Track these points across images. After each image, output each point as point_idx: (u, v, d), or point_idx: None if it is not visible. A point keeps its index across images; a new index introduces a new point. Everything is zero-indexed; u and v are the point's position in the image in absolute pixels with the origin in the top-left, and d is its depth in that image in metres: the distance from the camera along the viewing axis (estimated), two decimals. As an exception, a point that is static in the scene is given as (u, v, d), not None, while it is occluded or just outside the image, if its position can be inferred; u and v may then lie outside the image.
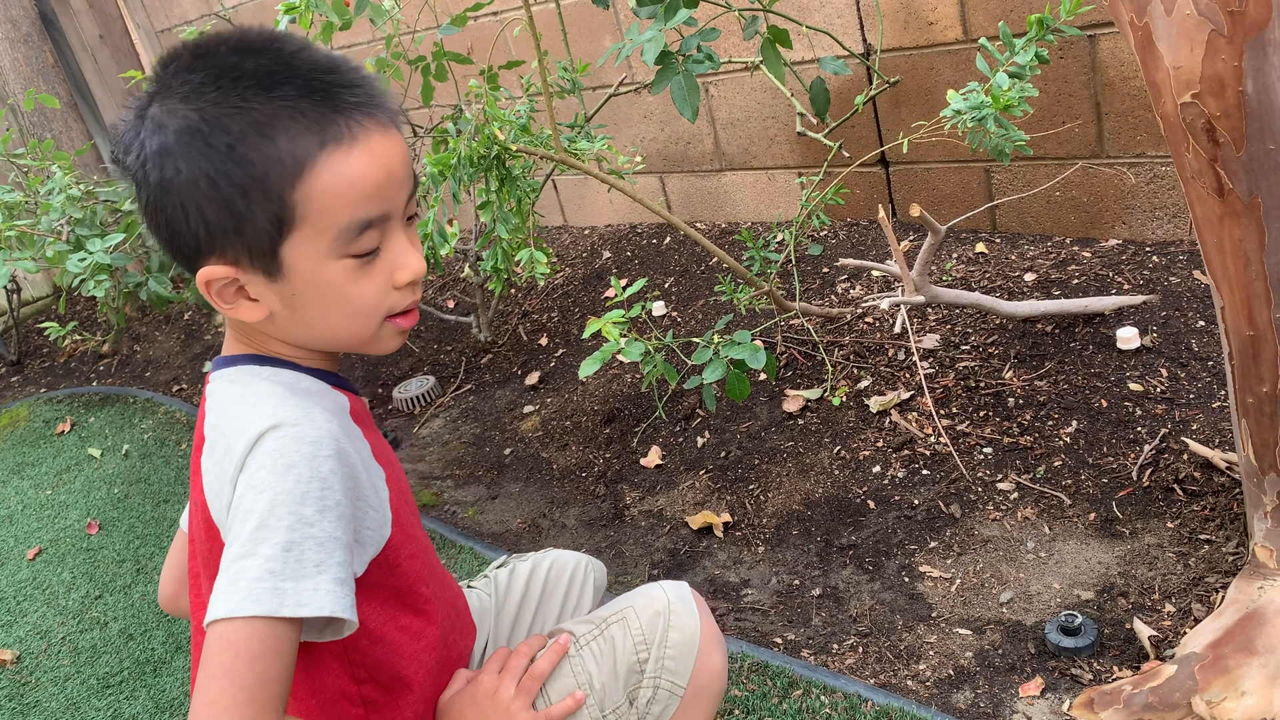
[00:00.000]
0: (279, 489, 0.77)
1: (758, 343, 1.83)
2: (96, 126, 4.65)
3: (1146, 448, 1.77)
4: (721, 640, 1.08)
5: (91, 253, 2.44)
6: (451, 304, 3.42)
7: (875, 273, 2.54)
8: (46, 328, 2.85)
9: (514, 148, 1.96)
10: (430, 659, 0.98)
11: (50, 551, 2.57)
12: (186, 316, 4.08)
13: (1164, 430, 1.79)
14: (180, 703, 1.88)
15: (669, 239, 3.14)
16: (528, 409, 2.65)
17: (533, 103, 2.23)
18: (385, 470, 0.92)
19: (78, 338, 3.74)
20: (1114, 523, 1.67)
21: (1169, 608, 1.49)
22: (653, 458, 2.25)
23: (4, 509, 2.87)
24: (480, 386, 2.89)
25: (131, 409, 3.39)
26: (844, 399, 2.16)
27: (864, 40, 2.47)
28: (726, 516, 2.00)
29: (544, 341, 2.94)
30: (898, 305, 1.88)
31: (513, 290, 3.32)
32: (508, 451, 2.51)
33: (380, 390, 3.09)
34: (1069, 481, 1.78)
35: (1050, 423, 1.91)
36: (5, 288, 4.03)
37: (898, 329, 1.93)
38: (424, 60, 2.60)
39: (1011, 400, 1.99)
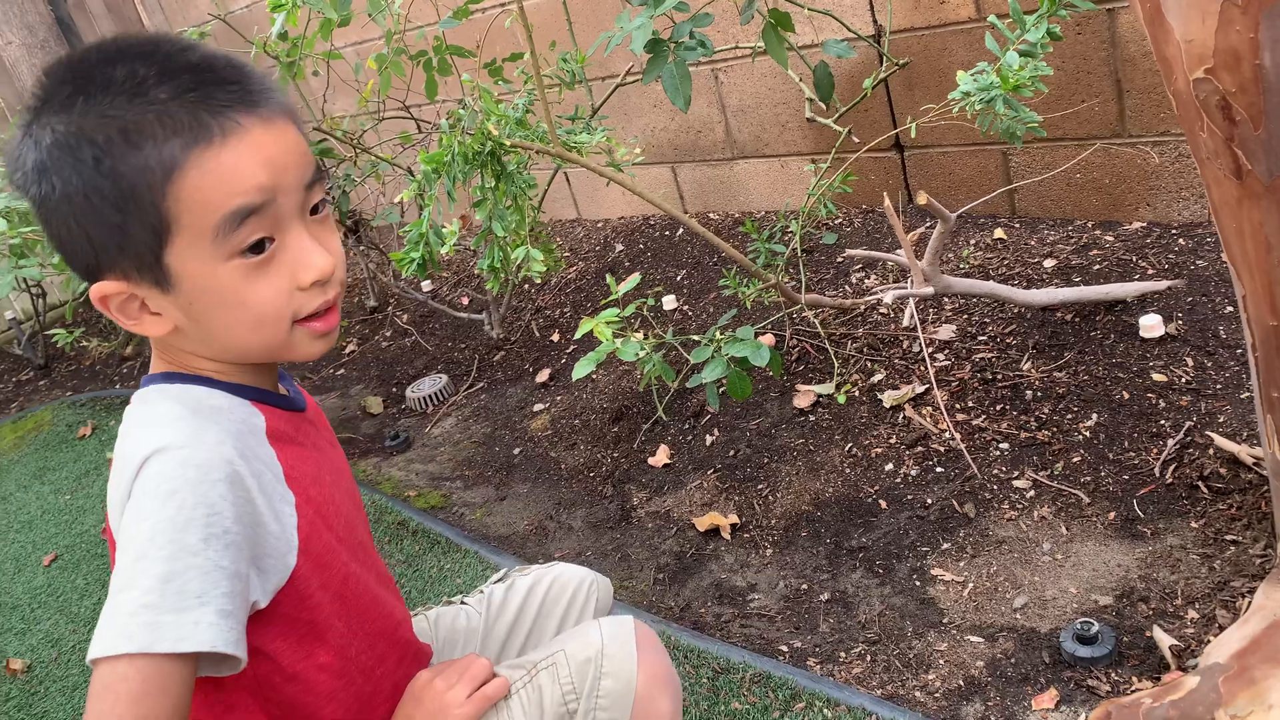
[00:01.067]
0: (160, 516, 0.74)
1: (767, 338, 1.77)
2: (116, 130, 4.67)
3: (1170, 442, 1.68)
4: (670, 681, 1.00)
5: (97, 259, 2.44)
6: (465, 301, 3.39)
7: (890, 262, 2.46)
8: (54, 334, 2.85)
9: (508, 143, 1.91)
10: (348, 695, 0.93)
11: (66, 558, 2.57)
12: (207, 318, 4.08)
13: (1189, 423, 1.70)
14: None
15: (682, 231, 3.08)
16: (538, 407, 2.61)
17: (531, 95, 2.17)
18: (296, 495, 0.87)
19: (86, 343, 3.75)
20: (1135, 522, 1.59)
21: (1192, 614, 1.41)
22: (661, 457, 2.20)
23: (24, 515, 2.88)
24: (492, 384, 2.85)
25: (151, 412, 3.40)
26: (856, 394, 2.09)
27: (874, 21, 2.39)
28: (734, 518, 1.95)
29: (556, 338, 2.90)
30: (905, 298, 1.81)
31: (526, 286, 3.27)
32: (517, 451, 2.47)
33: (394, 389, 3.06)
34: (1088, 478, 1.70)
35: (1069, 416, 1.83)
36: (31, 293, 4.07)
37: (906, 321, 1.86)
38: (425, 55, 2.57)
39: (1029, 393, 1.91)
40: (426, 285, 3.64)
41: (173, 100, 0.77)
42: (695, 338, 1.80)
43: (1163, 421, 1.73)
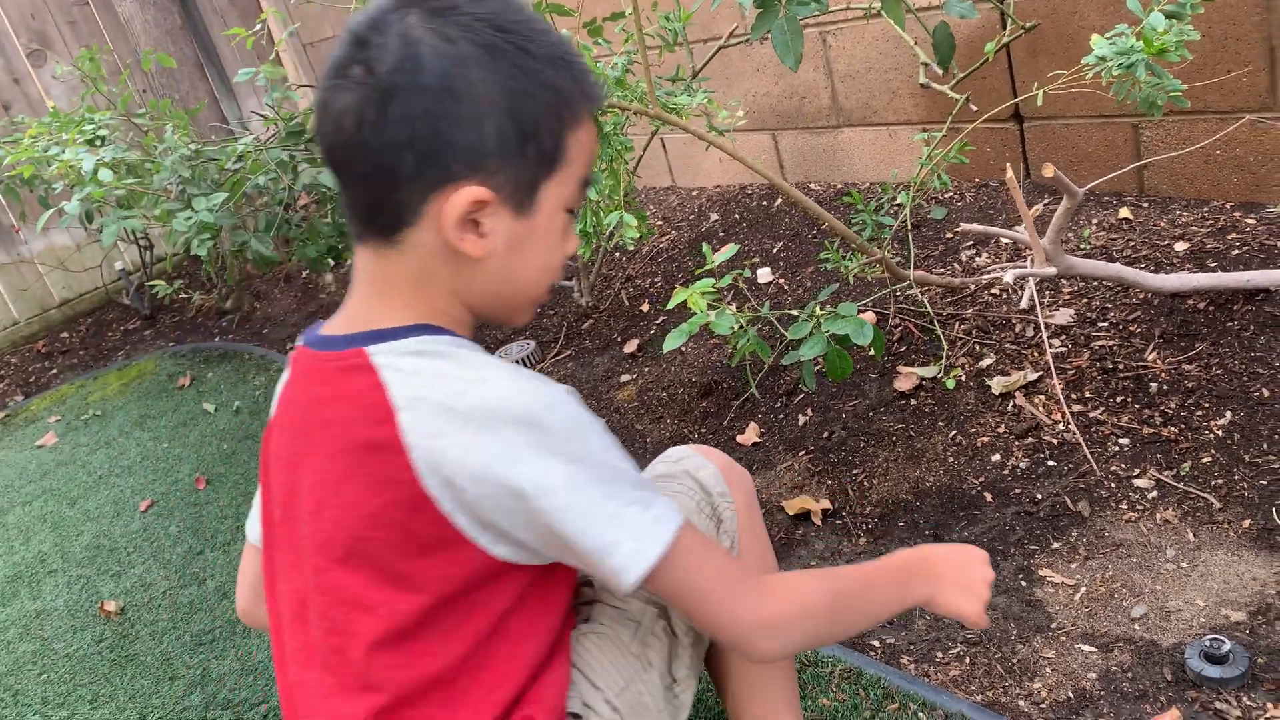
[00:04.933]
0: (602, 450, 0.83)
1: (867, 315, 1.67)
2: (222, 87, 4.75)
3: (1316, 447, 1.53)
4: (729, 462, 1.16)
5: (197, 212, 2.46)
6: (556, 266, 3.35)
7: (1005, 240, 2.32)
8: (155, 285, 2.90)
9: (604, 102, 1.83)
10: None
11: (161, 504, 2.63)
12: (303, 275, 4.14)
13: (1339, 427, 1.55)
14: (265, 666, 1.88)
15: (779, 201, 2.97)
16: (625, 378, 2.55)
17: (630, 55, 2.10)
18: None
19: (186, 294, 3.84)
20: (1273, 532, 1.46)
21: (1338, 638, 1.28)
22: (750, 435, 2.12)
23: (124, 460, 2.96)
24: (580, 353, 2.80)
25: (247, 365, 3.46)
26: (963, 379, 1.98)
27: (999, -19, 2.23)
28: (826, 503, 1.86)
29: (645, 308, 2.83)
30: (1025, 278, 1.69)
31: (617, 254, 3.21)
32: (602, 422, 2.42)
33: (482, 353, 3.05)
34: (1220, 481, 1.57)
35: (1199, 413, 1.68)
36: (138, 245, 4.18)
37: (1025, 303, 1.74)
38: (524, 13, 2.50)
39: (1154, 385, 1.77)
40: (518, 249, 3.61)
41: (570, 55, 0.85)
42: (794, 313, 1.71)
43: (1308, 423, 1.58)
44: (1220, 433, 1.64)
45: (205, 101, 4.01)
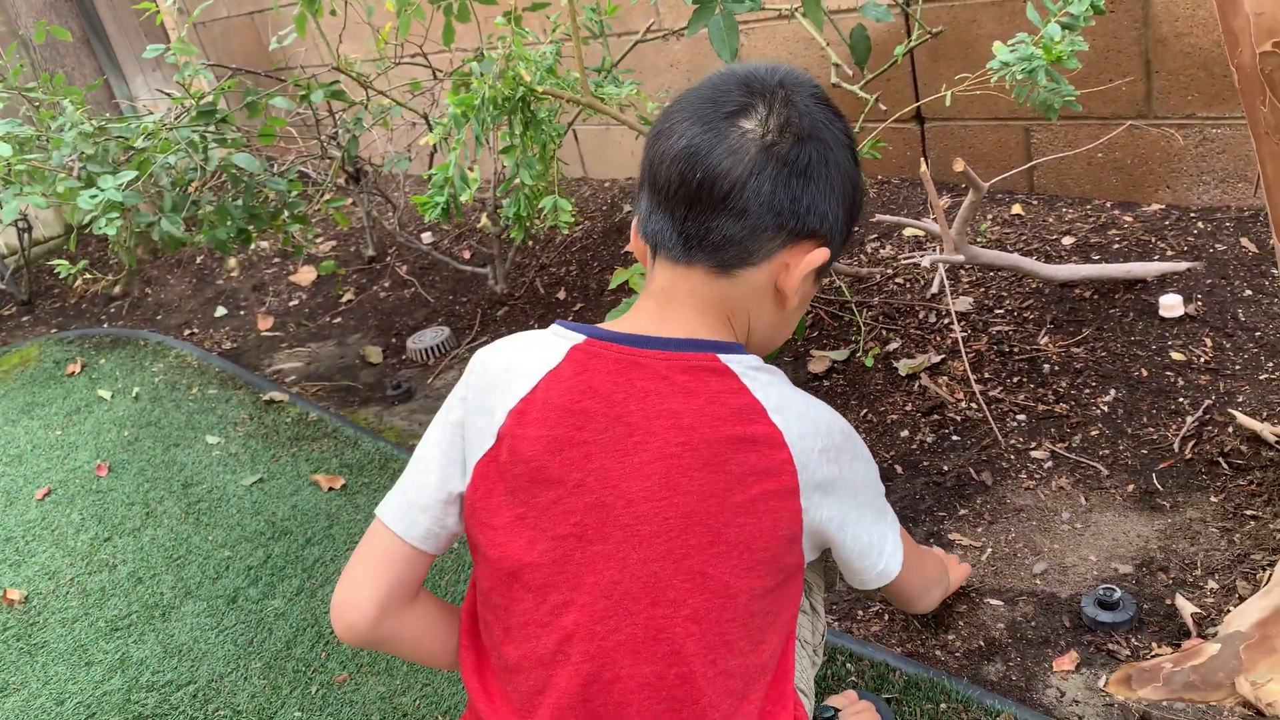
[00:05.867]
0: (877, 474, 0.99)
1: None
2: (109, 63, 4.57)
3: (1189, 419, 1.71)
4: None
5: (103, 190, 2.38)
6: (468, 254, 3.36)
7: (906, 232, 2.47)
8: (57, 266, 2.79)
9: (539, 90, 1.88)
10: None
11: (59, 492, 2.54)
12: (198, 260, 4.03)
13: (1208, 401, 1.73)
14: (190, 648, 1.85)
15: (692, 193, 3.06)
16: (545, 362, 2.59)
17: (558, 45, 2.15)
18: None
19: (88, 277, 3.69)
20: (1154, 495, 1.62)
21: (1212, 584, 1.44)
22: (673, 415, 2.20)
23: (13, 448, 2.84)
24: (495, 339, 2.83)
25: (142, 352, 3.35)
26: (872, 361, 2.10)
27: (904, -11, 2.37)
28: (749, 477, 1.95)
29: (561, 295, 2.88)
30: (936, 264, 1.82)
31: (530, 242, 3.25)
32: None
33: (394, 340, 3.04)
34: (1106, 451, 1.72)
35: (1087, 391, 1.84)
36: (16, 227, 3.98)
37: (934, 289, 1.87)
38: (446, -1, 2.52)
39: (1046, 366, 1.93)
40: (426, 236, 3.60)
41: None
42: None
43: (1181, 399, 1.75)
44: (1105, 408, 1.80)
45: (103, 78, 3.85)
